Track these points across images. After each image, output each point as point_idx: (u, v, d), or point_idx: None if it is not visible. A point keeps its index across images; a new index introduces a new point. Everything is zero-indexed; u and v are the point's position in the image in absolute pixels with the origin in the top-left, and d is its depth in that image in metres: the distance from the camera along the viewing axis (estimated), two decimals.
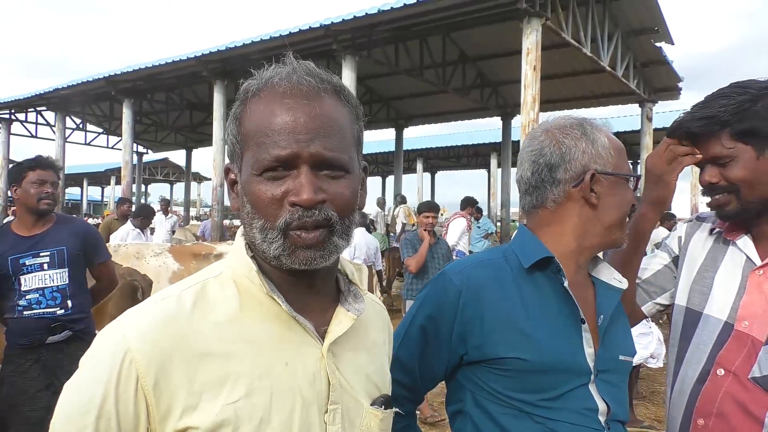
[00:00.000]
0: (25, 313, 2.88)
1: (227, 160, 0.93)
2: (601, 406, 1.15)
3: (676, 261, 1.54)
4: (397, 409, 0.99)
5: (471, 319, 1.17)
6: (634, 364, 3.08)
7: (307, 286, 0.90)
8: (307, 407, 0.84)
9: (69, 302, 2.97)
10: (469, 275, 1.21)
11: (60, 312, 2.94)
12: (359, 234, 7.33)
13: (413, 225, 13.14)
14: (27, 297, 2.89)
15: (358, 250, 7.10)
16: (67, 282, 2.98)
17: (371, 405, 0.92)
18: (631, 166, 1.30)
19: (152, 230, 8.52)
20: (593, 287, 1.28)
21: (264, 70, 0.87)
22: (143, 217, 7.11)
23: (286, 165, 0.82)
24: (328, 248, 0.84)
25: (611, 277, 1.29)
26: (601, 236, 1.24)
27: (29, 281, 2.91)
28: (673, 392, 1.43)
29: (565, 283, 1.17)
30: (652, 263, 1.59)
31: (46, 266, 2.93)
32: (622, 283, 1.28)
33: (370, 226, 14.49)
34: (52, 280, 2.94)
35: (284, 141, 0.81)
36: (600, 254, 1.32)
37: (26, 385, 2.86)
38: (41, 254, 2.93)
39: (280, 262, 0.84)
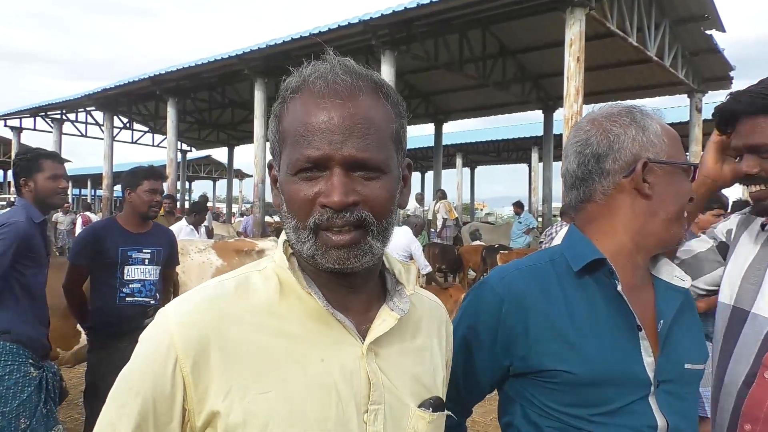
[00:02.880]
0: (127, 299, 3.33)
1: (270, 156, 0.94)
2: (661, 422, 1.06)
3: (722, 249, 1.46)
4: (450, 413, 0.95)
5: (514, 329, 1.11)
6: None
7: (348, 286, 0.89)
8: (344, 405, 0.82)
9: (158, 294, 3.46)
10: (510, 283, 1.14)
11: (152, 302, 3.41)
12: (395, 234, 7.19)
13: (455, 220, 13.07)
14: (130, 286, 3.34)
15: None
16: (158, 278, 3.47)
17: (419, 407, 0.89)
18: (687, 157, 1.20)
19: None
20: (653, 287, 1.18)
21: (304, 67, 0.87)
22: (196, 214, 7.31)
23: (319, 166, 0.81)
24: (362, 249, 0.83)
25: (672, 275, 1.19)
26: (658, 232, 1.14)
27: (132, 272, 3.35)
28: (719, 395, 1.36)
29: (618, 288, 1.08)
30: (695, 245, 1.51)
31: (147, 261, 3.40)
32: (684, 281, 1.18)
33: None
34: (150, 275, 3.42)
35: (317, 142, 0.80)
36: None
37: (123, 363, 3.28)
38: (144, 250, 3.40)
39: (315, 261, 0.84)
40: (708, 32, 11.84)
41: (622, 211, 1.14)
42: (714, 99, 15.28)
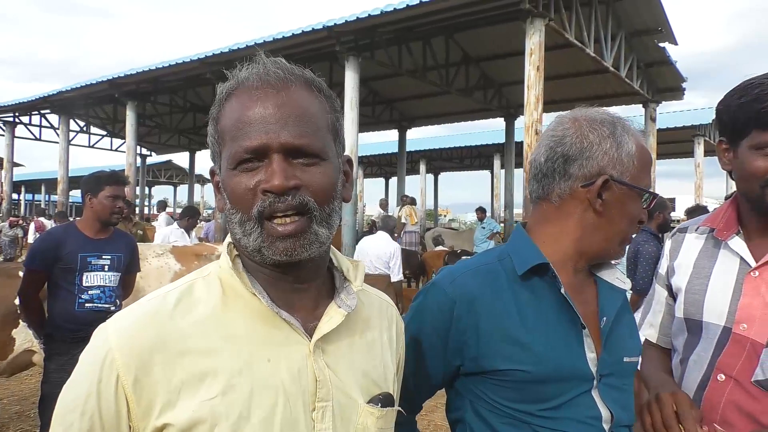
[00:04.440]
0: (87, 305, 3.27)
1: (212, 164, 0.93)
2: (605, 413, 1.10)
3: (672, 291, 1.50)
4: (400, 408, 0.96)
5: (466, 331, 1.11)
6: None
7: (294, 282, 0.89)
8: (292, 404, 0.82)
9: (118, 301, 3.41)
10: (462, 285, 1.14)
11: (113, 308, 3.34)
12: (368, 240, 6.80)
13: (417, 225, 13.14)
14: (89, 292, 3.28)
15: (360, 255, 6.49)
16: (117, 284, 3.41)
17: (367, 403, 0.90)
18: (650, 181, 1.19)
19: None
20: (595, 286, 1.21)
21: (237, 69, 0.88)
22: (189, 218, 7.39)
23: (259, 156, 0.82)
24: (308, 237, 0.83)
25: (614, 277, 1.22)
26: (598, 246, 1.16)
27: (91, 278, 3.29)
28: None
29: (562, 290, 1.11)
30: (657, 317, 1.55)
31: (107, 268, 3.35)
32: (625, 283, 1.21)
33: (372, 229, 14.54)
34: (110, 281, 3.36)
35: (254, 132, 0.81)
36: None
37: None
38: (103, 257, 3.35)
39: (262, 255, 0.83)
40: (661, 45, 12.26)
41: (571, 218, 1.15)
42: (667, 109, 15.80)
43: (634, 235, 1.20)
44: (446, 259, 10.68)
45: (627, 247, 1.22)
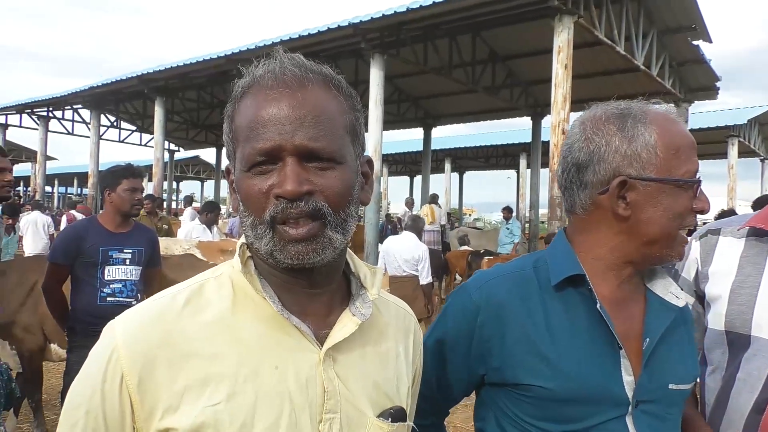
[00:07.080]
0: (108, 299, 3.29)
1: (226, 161, 0.91)
2: None
3: (702, 300, 1.35)
4: (410, 423, 0.92)
5: (490, 339, 1.06)
6: None
7: (307, 287, 0.86)
8: (297, 415, 0.79)
9: (139, 295, 3.40)
10: (489, 291, 1.09)
11: (134, 303, 3.28)
12: (394, 241, 6.65)
13: (438, 225, 13.07)
14: (111, 286, 3.30)
15: (386, 256, 6.36)
16: (139, 278, 3.42)
17: (377, 416, 0.86)
18: (695, 167, 1.04)
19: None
20: (645, 301, 1.10)
21: (254, 66, 0.86)
22: (209, 213, 7.44)
23: (272, 158, 0.79)
24: (320, 242, 0.80)
25: (667, 290, 1.10)
26: (640, 251, 1.05)
27: (113, 272, 3.32)
28: (722, 424, 1.26)
29: (598, 305, 1.02)
30: None
31: (128, 261, 3.37)
32: (679, 298, 1.09)
33: (397, 226, 14.49)
34: (131, 275, 3.38)
35: (268, 133, 0.78)
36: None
37: None
38: (125, 250, 3.37)
39: (274, 258, 0.81)
40: (695, 43, 11.98)
41: (601, 227, 1.07)
42: (700, 109, 15.42)
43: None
44: (469, 259, 10.62)
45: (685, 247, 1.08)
